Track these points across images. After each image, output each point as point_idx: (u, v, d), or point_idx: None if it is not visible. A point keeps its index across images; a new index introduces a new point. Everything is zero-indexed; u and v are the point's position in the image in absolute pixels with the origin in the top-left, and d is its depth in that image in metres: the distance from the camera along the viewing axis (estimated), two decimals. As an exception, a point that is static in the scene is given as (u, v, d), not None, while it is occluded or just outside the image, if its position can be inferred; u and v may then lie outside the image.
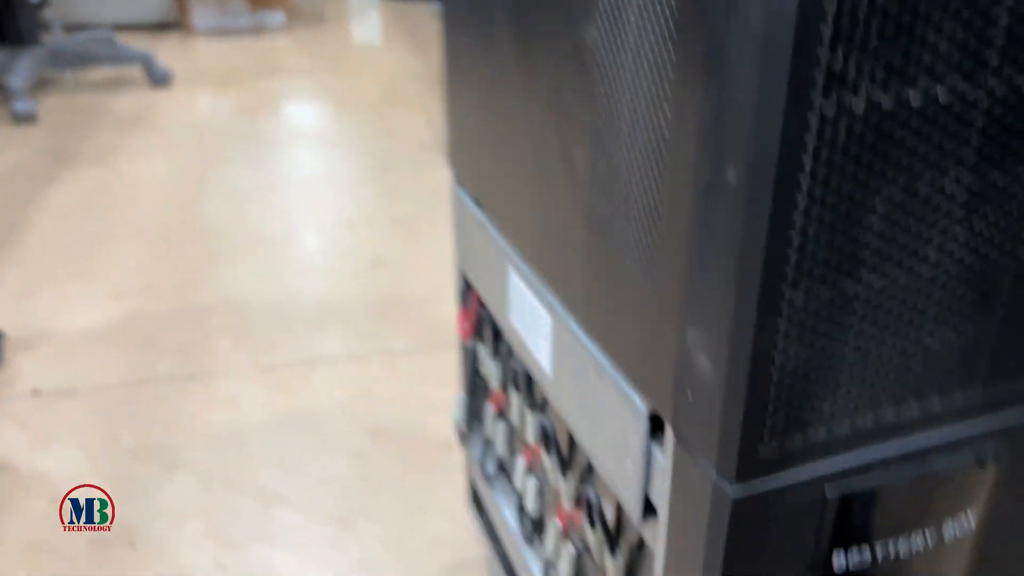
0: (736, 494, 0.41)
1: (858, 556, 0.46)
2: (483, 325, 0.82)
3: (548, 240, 0.59)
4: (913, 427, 0.44)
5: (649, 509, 0.51)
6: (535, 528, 0.79)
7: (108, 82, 2.92)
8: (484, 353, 0.82)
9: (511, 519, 0.84)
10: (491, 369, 0.81)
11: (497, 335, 0.79)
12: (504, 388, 0.81)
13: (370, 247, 1.83)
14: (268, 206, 2.02)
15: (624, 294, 0.48)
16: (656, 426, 0.48)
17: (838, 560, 0.45)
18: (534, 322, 0.64)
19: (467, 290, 0.85)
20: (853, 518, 0.44)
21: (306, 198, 2.09)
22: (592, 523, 0.61)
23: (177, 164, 2.25)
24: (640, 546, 0.58)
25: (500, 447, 0.84)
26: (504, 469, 0.87)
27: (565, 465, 0.66)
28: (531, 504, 0.77)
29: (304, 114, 2.72)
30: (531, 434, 0.74)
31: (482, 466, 0.89)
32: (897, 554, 0.47)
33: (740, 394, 0.39)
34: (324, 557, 1.07)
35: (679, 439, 0.44)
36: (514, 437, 0.82)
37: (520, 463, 0.79)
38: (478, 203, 0.75)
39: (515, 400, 0.75)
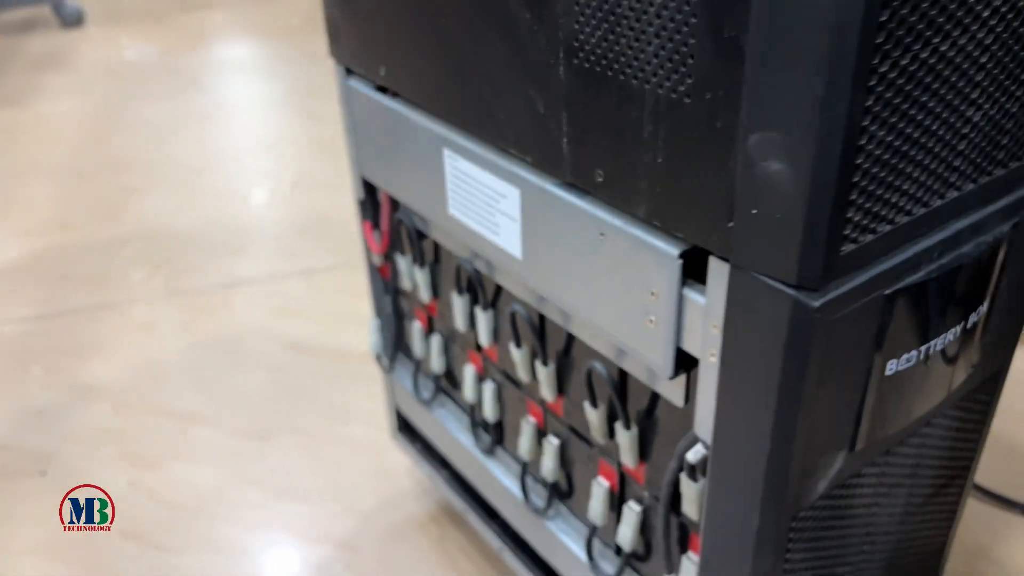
0: (817, 303, 0.39)
1: (907, 354, 0.45)
2: (401, 234, 0.74)
3: (505, 103, 0.53)
4: (951, 215, 0.44)
5: (682, 363, 0.48)
6: (496, 437, 0.75)
7: (18, 24, 2.78)
8: (405, 265, 0.75)
9: (464, 436, 0.79)
10: (419, 280, 0.74)
11: (422, 239, 0.72)
12: (437, 296, 0.75)
13: (291, 169, 1.80)
14: (187, 136, 1.96)
15: (634, 131, 0.44)
16: (689, 267, 0.45)
17: (890, 363, 0.45)
18: (489, 205, 0.58)
19: (370, 199, 0.77)
20: (905, 316, 0.43)
21: (226, 126, 2.03)
22: (594, 402, 0.57)
23: (93, 102, 2.16)
24: (649, 412, 0.55)
25: (436, 364, 0.78)
26: (442, 388, 0.81)
27: (544, 354, 0.62)
28: (489, 411, 0.72)
29: (225, 46, 2.60)
30: (484, 336, 0.68)
31: (415, 391, 0.83)
32: (937, 349, 0.46)
33: (826, 192, 0.36)
34: (244, 470, 1.03)
35: (738, 264, 0.41)
36: (453, 349, 0.76)
37: (469, 372, 0.73)
38: (386, 90, 0.67)
39: (459, 304, 0.69)
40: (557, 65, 0.47)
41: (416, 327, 0.79)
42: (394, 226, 0.74)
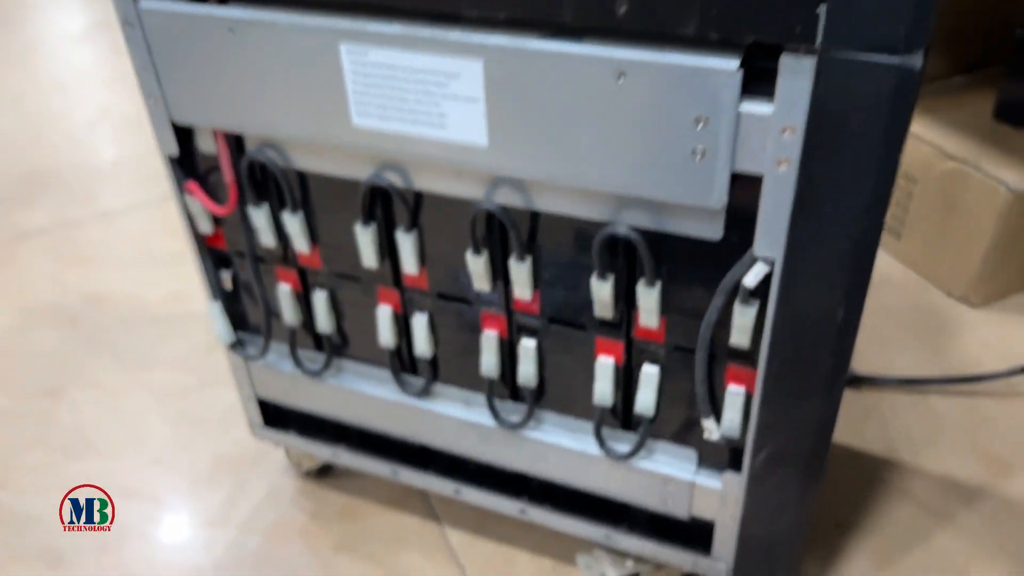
0: (918, 65, 0.39)
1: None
2: (254, 179, 0.60)
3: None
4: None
5: (738, 189, 0.46)
6: (431, 374, 0.66)
7: None
8: (263, 218, 0.62)
9: (381, 389, 0.69)
10: (292, 229, 0.61)
11: (284, 181, 0.59)
12: (317, 242, 0.63)
13: (88, 108, 1.65)
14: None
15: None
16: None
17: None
18: (427, 94, 0.49)
19: (186, 151, 0.61)
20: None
21: (11, 67, 1.83)
22: (603, 275, 0.53)
23: None
24: (673, 259, 0.53)
25: (325, 323, 0.67)
26: (335, 349, 0.69)
27: (521, 248, 0.55)
28: (425, 347, 0.64)
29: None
30: (411, 263, 0.59)
31: (297, 365, 0.70)
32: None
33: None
34: (35, 432, 0.92)
35: (830, 48, 0.39)
36: (345, 299, 0.65)
37: (384, 313, 0.64)
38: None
39: (366, 237, 0.59)
40: None
41: (284, 290, 0.66)
42: (243, 172, 0.60)
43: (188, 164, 0.62)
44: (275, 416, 0.78)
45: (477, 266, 0.57)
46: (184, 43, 0.54)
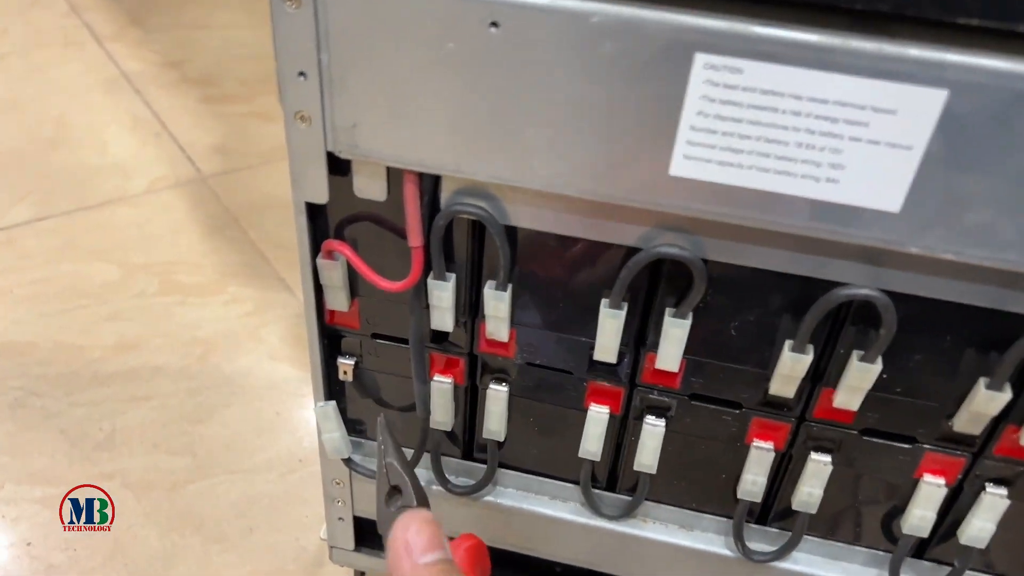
0: None
1: None
2: (448, 242, 0.41)
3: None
4: None
5: None
6: (646, 491, 0.49)
7: None
8: (450, 294, 0.42)
9: (567, 508, 0.51)
10: (494, 309, 0.42)
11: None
12: (515, 325, 0.44)
13: None
14: None
15: None
16: None
17: None
18: (826, 138, 0.32)
19: (335, 196, 0.41)
20: None
21: None
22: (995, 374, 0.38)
23: None
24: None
25: (495, 425, 0.48)
26: (501, 459, 0.50)
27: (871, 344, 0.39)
28: (650, 457, 0.47)
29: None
30: (671, 356, 0.42)
31: (439, 480, 0.51)
32: None
33: None
34: None
35: None
36: (544, 395, 0.47)
37: (598, 417, 0.46)
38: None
39: (612, 324, 0.41)
40: None
41: (441, 387, 0.47)
42: (437, 233, 0.40)
43: (335, 214, 0.42)
44: (367, 535, 0.58)
45: (797, 368, 0.40)
46: (390, 39, 0.34)
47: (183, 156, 1.17)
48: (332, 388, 0.50)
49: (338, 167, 0.40)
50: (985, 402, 0.39)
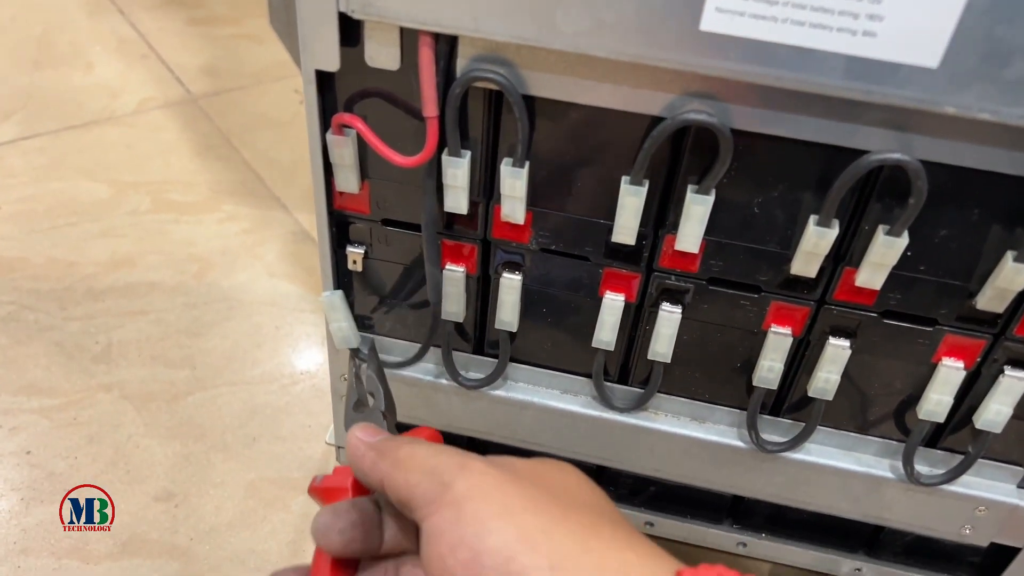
0: None
1: None
2: (464, 114, 0.39)
3: None
4: None
5: None
6: (659, 383, 0.49)
7: None
8: (464, 171, 0.41)
9: (577, 401, 0.50)
10: (511, 188, 0.41)
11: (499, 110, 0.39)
12: (535, 204, 0.43)
13: None
14: None
15: None
16: None
17: None
18: (862, -19, 0.31)
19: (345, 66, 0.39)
20: None
21: None
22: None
23: None
24: None
25: (507, 315, 0.47)
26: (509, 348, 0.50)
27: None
28: (664, 346, 0.46)
29: None
30: (692, 237, 0.41)
31: (451, 374, 0.50)
32: None
33: None
34: None
35: None
36: (556, 282, 0.46)
37: (613, 305, 0.45)
38: None
39: (632, 202, 0.40)
40: None
41: (453, 275, 0.46)
42: (453, 103, 0.38)
43: (345, 87, 0.40)
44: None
45: (821, 244, 0.39)
46: None
47: (172, 77, 1.14)
48: (340, 280, 0.49)
49: (349, 37, 0.38)
50: (1012, 276, 0.38)
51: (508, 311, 0.47)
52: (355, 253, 0.47)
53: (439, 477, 0.30)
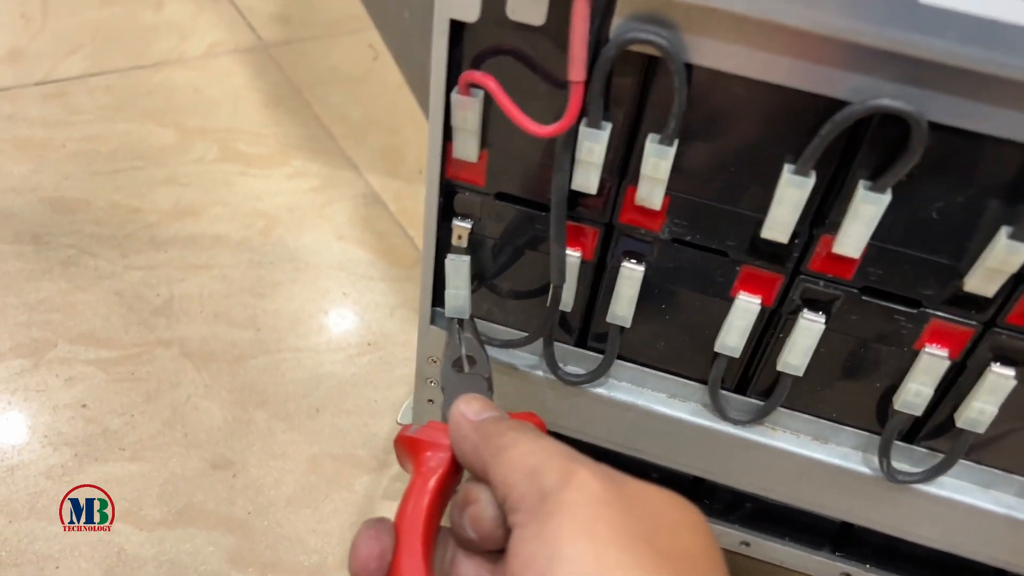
0: None
1: None
2: (611, 81, 0.35)
3: None
4: None
5: None
6: (781, 396, 0.44)
7: None
8: (602, 144, 0.36)
9: (685, 408, 0.46)
10: (655, 168, 0.36)
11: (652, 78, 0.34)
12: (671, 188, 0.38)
13: None
14: None
15: None
16: None
17: None
18: None
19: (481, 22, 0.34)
20: None
21: None
22: None
23: None
24: None
25: (623, 308, 0.42)
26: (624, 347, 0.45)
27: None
28: (799, 357, 0.41)
29: None
30: (855, 240, 0.36)
31: (551, 368, 0.46)
32: None
33: None
34: None
35: None
36: (686, 276, 0.41)
37: (747, 307, 0.40)
38: None
39: (793, 195, 0.35)
40: None
41: (568, 262, 0.41)
42: (603, 68, 0.34)
43: (478, 41, 0.35)
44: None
45: (1011, 261, 0.34)
46: None
47: (243, 22, 1.10)
48: (440, 255, 0.44)
49: (488, -18, 0.33)
50: None
51: (624, 304, 0.42)
52: (461, 228, 0.42)
53: (539, 482, 0.26)
